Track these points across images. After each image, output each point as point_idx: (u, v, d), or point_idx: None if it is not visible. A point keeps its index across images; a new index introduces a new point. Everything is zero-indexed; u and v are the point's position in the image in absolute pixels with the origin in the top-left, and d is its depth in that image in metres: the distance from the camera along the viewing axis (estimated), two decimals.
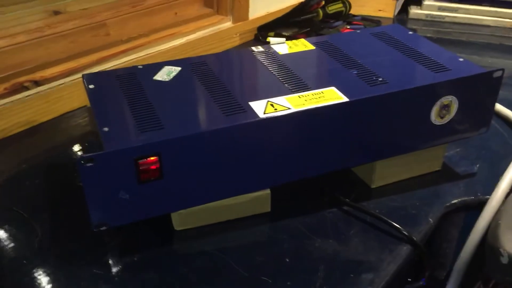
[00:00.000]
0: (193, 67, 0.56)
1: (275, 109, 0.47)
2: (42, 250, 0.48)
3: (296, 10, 0.99)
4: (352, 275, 0.46)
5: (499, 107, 0.73)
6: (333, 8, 1.07)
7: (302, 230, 0.51)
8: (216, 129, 0.45)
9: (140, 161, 0.43)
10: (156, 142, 0.43)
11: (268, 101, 0.48)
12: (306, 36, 0.98)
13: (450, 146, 0.65)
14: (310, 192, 0.56)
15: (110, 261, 0.47)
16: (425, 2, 1.14)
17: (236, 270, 0.46)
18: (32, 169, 0.60)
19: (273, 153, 0.48)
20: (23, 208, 0.54)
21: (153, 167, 0.43)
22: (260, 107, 0.47)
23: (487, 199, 0.55)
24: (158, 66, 0.56)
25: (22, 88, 0.67)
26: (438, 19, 1.15)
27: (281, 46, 0.61)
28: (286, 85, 0.52)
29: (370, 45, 0.61)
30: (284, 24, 1.01)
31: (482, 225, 0.54)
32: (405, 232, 0.50)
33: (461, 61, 0.56)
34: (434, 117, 0.54)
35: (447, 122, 0.55)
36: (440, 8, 1.14)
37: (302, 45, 0.62)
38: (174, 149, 0.44)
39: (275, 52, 0.59)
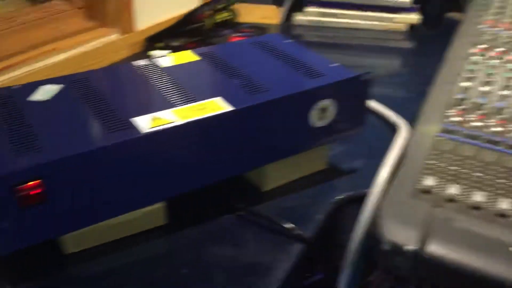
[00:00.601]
0: (74, 84, 0.55)
1: (160, 123, 0.47)
2: None
3: (184, 20, 1.00)
4: (249, 278, 0.47)
5: (375, 104, 0.80)
6: (220, 17, 1.09)
7: (199, 240, 0.52)
8: (98, 148, 0.44)
9: (19, 187, 0.41)
10: (35, 166, 0.41)
11: (152, 115, 0.49)
12: (196, 45, 0.99)
13: (334, 146, 0.69)
14: (206, 201, 0.57)
15: None
16: (307, 9, 1.20)
17: None
18: None
19: (163, 167, 0.48)
20: None
21: (34, 192, 0.42)
22: (144, 122, 0.47)
23: (368, 192, 0.59)
24: (36, 85, 0.54)
25: None
26: (321, 25, 1.21)
27: (164, 58, 0.61)
28: (170, 98, 0.52)
29: (251, 54, 0.64)
30: (173, 34, 1.02)
31: (365, 216, 0.58)
32: (296, 232, 0.53)
33: (334, 66, 0.61)
34: (314, 120, 0.57)
35: (327, 124, 0.59)
36: (322, 14, 1.20)
37: (187, 56, 0.63)
38: (56, 171, 0.42)
39: (158, 65, 0.60)
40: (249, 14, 1.18)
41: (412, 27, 1.17)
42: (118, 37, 0.94)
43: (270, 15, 1.20)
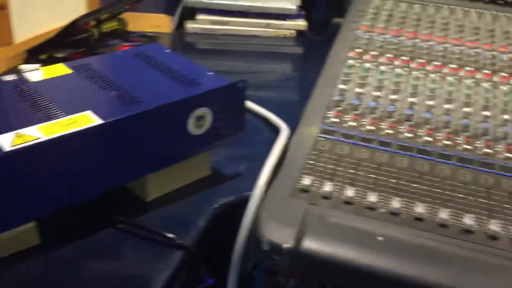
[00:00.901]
0: None
1: (23, 141, 0.46)
2: None
3: (67, 30, 0.97)
4: None
5: (258, 108, 0.82)
6: (108, 26, 1.07)
7: (76, 257, 0.51)
8: None
9: None
10: None
11: (15, 133, 0.47)
12: (82, 56, 0.97)
13: (218, 151, 0.70)
14: (84, 216, 0.56)
15: None
16: (199, 17, 1.22)
17: None
18: None
19: (32, 185, 0.47)
20: None
21: None
22: (7, 140, 0.46)
23: (250, 196, 0.62)
24: None
25: None
26: (213, 32, 1.23)
27: (34, 73, 0.60)
28: (38, 114, 0.51)
29: (129, 66, 0.64)
30: (57, 46, 0.98)
31: (247, 219, 0.60)
32: (177, 241, 0.53)
33: (210, 75, 0.62)
34: (192, 128, 0.58)
35: (206, 131, 0.60)
36: (213, 22, 1.22)
37: (59, 70, 0.61)
38: None
39: (27, 80, 0.58)
40: (139, 23, 1.17)
41: (300, 33, 1.22)
42: None
43: (161, 24, 1.20)
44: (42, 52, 0.96)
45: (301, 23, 1.21)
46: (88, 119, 0.50)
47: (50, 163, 0.48)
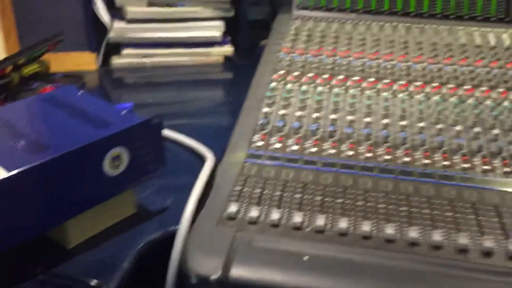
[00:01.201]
0: None
1: None
2: None
3: None
4: None
5: (184, 138, 0.82)
6: (29, 70, 1.05)
7: None
8: None
9: None
10: None
11: None
12: (3, 102, 0.94)
13: (144, 187, 0.70)
14: (1, 270, 0.54)
15: None
16: (124, 52, 1.21)
17: None
18: None
19: None
20: None
21: None
22: None
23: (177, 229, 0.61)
24: None
25: None
26: (140, 66, 1.22)
27: None
28: None
29: (38, 112, 0.62)
30: None
31: (175, 254, 0.59)
32: (98, 286, 0.52)
33: (125, 113, 0.62)
34: (108, 169, 0.57)
35: (124, 170, 0.59)
36: (139, 55, 1.22)
37: None
38: None
39: None
40: (62, 63, 1.15)
41: (227, 58, 1.23)
42: None
43: (86, 62, 1.19)
44: None
45: (228, 49, 1.23)
46: None
47: None
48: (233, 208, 0.63)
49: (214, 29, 1.20)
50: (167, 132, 0.83)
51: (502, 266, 0.55)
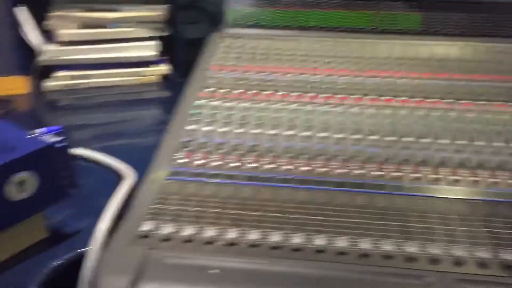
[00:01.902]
0: None
1: None
2: None
3: None
4: None
5: (104, 158, 0.82)
6: None
7: None
8: None
9: None
10: None
11: None
12: None
13: (58, 210, 0.68)
14: None
15: None
16: (58, 74, 1.20)
17: None
18: None
19: None
20: None
21: None
22: None
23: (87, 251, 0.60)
24: None
25: None
26: (75, 87, 1.21)
27: None
28: None
29: None
30: None
31: (86, 275, 0.58)
32: None
33: (31, 137, 0.61)
34: (13, 194, 0.56)
35: (32, 195, 0.58)
36: (74, 77, 1.21)
37: None
38: None
39: None
40: None
41: (164, 77, 1.24)
42: None
43: (17, 86, 1.17)
44: None
45: (163, 68, 1.23)
46: None
47: None
48: (146, 226, 0.63)
49: (149, 49, 1.21)
50: (85, 152, 0.82)
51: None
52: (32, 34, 1.14)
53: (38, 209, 0.60)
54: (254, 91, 0.91)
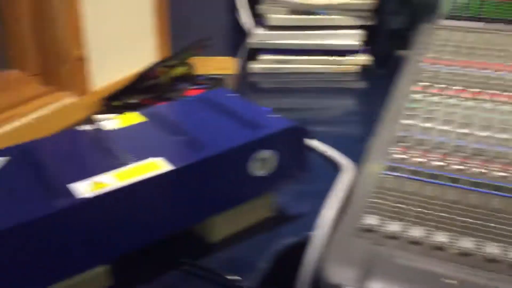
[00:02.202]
0: (18, 154, 0.56)
1: (99, 187, 0.49)
2: None
3: (140, 78, 1.03)
4: None
5: (321, 146, 0.83)
6: (177, 72, 1.13)
7: None
8: (29, 220, 0.45)
9: None
10: None
11: (91, 180, 0.51)
12: (152, 101, 1.02)
13: (281, 191, 0.71)
14: (150, 258, 0.58)
15: None
16: (262, 57, 1.25)
17: None
18: None
19: (103, 230, 0.50)
20: None
21: None
22: (83, 188, 0.49)
23: (312, 236, 0.61)
24: None
25: None
26: (275, 71, 1.26)
27: (109, 122, 0.64)
28: (112, 161, 0.54)
29: (195, 111, 0.67)
30: (131, 92, 1.05)
31: (309, 260, 0.59)
32: (239, 283, 0.54)
33: (273, 117, 0.64)
34: (254, 171, 0.60)
35: (268, 173, 0.61)
36: (275, 61, 1.25)
37: (133, 118, 0.65)
38: None
39: (104, 129, 0.62)
40: (206, 66, 1.22)
41: (363, 67, 1.22)
42: (74, 100, 0.97)
43: (227, 66, 1.25)
44: (116, 99, 1.03)
45: (365, 58, 1.21)
46: (158, 165, 0.53)
47: (122, 208, 0.50)
48: (370, 220, 0.62)
49: (353, 38, 1.20)
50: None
51: None
52: (245, 17, 1.20)
53: (272, 187, 0.63)
54: (476, 89, 0.85)
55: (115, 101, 1.02)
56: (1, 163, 0.54)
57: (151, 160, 0.54)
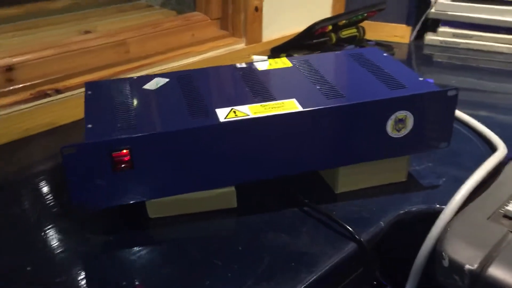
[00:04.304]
0: (178, 78, 0.64)
1: (236, 115, 0.54)
2: (40, 224, 0.58)
3: (306, 33, 1.05)
4: (293, 264, 0.51)
5: (477, 124, 0.77)
6: (346, 33, 1.13)
7: (260, 225, 0.57)
8: (177, 130, 0.52)
9: (114, 153, 0.51)
10: (127, 138, 0.51)
11: (232, 108, 0.56)
12: None
13: (420, 160, 0.69)
14: (276, 192, 0.63)
15: (93, 240, 0.56)
16: (440, 29, 1.18)
17: (192, 255, 0.53)
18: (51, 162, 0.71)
19: (234, 154, 0.55)
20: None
21: (124, 158, 0.51)
22: (224, 113, 0.55)
23: (442, 209, 0.59)
24: (150, 78, 0.64)
25: (45, 95, 0.78)
26: (453, 45, 1.18)
27: (262, 63, 0.68)
28: (253, 96, 0.59)
29: (342, 64, 0.67)
30: (296, 47, 1.08)
31: (435, 233, 0.57)
32: (350, 230, 0.55)
33: (421, 80, 0.61)
34: (390, 130, 0.59)
35: (404, 136, 0.59)
36: (455, 35, 1.17)
37: (282, 63, 0.69)
38: (142, 144, 0.52)
39: (255, 69, 0.67)
40: (377, 32, 1.20)
41: None
42: (244, 46, 1.04)
43: (400, 34, 1.21)
44: (282, 51, 1.08)
45: None
46: (292, 106, 0.56)
47: (251, 138, 0.55)
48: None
49: None
50: (459, 113, 0.79)
51: None
52: None
53: (407, 152, 0.61)
54: None
55: (281, 53, 1.07)
56: (161, 83, 0.63)
57: (286, 100, 0.57)
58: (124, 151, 0.51)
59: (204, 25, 1.01)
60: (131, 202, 0.55)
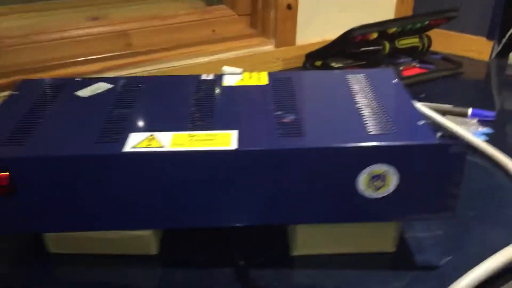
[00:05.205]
0: (123, 86, 0.53)
1: (148, 145, 0.42)
2: None
3: (342, 41, 0.88)
4: None
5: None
6: (405, 42, 0.94)
7: (180, 284, 0.45)
8: (67, 155, 0.41)
9: None
10: (5, 159, 0.41)
11: (151, 134, 0.44)
12: (360, 68, 0.88)
13: (428, 224, 0.51)
14: (211, 241, 0.50)
15: None
16: None
17: None
18: None
19: (143, 193, 0.43)
20: None
21: (2, 183, 0.42)
22: (136, 140, 0.43)
23: None
24: (93, 82, 0.54)
25: None
26: None
27: (232, 77, 0.55)
28: (190, 120, 0.46)
29: (330, 90, 0.52)
30: (337, 54, 0.92)
31: None
32: None
33: (421, 125, 0.44)
34: (363, 188, 0.43)
35: (386, 197, 0.43)
36: None
37: (258, 79, 0.55)
38: (25, 168, 0.42)
39: (219, 83, 0.54)
40: (449, 43, 0.99)
41: None
42: (272, 48, 0.90)
43: (477, 48, 0.98)
44: (319, 58, 0.92)
45: None
46: (225, 141, 0.42)
47: (165, 176, 0.42)
48: None
49: None
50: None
51: None
52: None
53: (390, 217, 0.45)
54: None
55: (317, 60, 0.92)
56: (99, 90, 0.52)
57: (224, 132, 0.44)
58: (2, 173, 0.42)
59: (229, 20, 0.89)
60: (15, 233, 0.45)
